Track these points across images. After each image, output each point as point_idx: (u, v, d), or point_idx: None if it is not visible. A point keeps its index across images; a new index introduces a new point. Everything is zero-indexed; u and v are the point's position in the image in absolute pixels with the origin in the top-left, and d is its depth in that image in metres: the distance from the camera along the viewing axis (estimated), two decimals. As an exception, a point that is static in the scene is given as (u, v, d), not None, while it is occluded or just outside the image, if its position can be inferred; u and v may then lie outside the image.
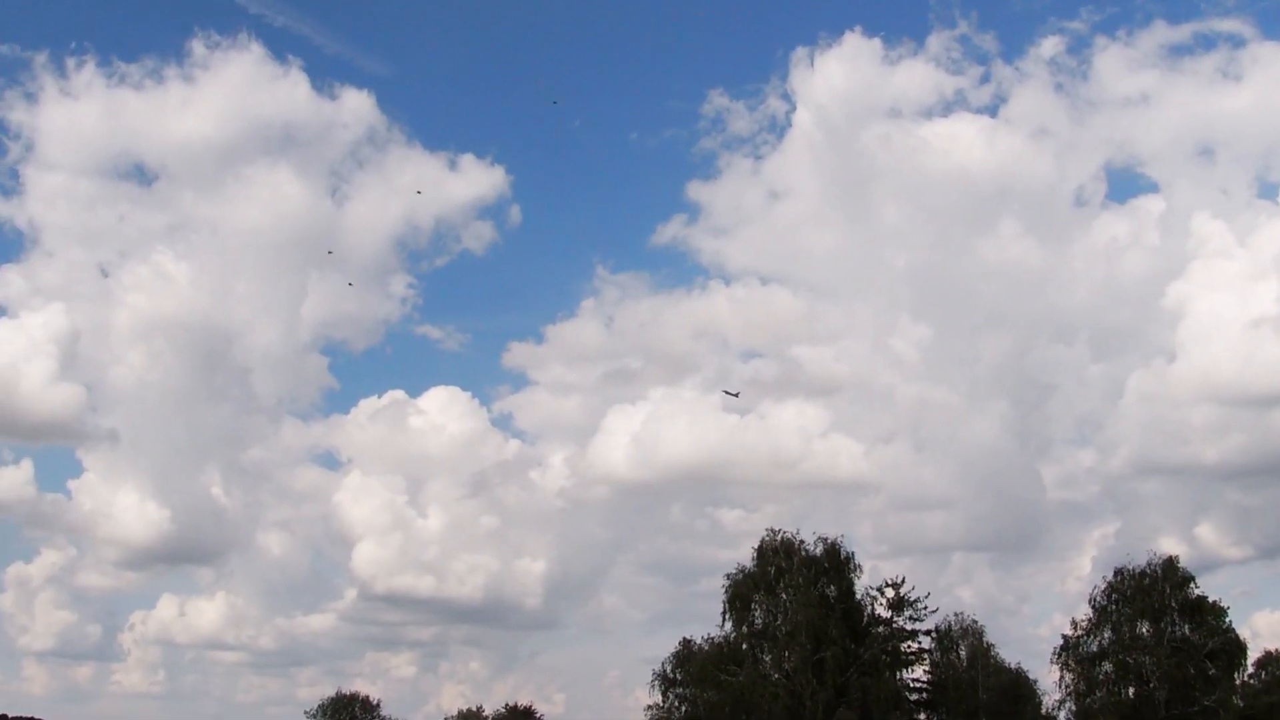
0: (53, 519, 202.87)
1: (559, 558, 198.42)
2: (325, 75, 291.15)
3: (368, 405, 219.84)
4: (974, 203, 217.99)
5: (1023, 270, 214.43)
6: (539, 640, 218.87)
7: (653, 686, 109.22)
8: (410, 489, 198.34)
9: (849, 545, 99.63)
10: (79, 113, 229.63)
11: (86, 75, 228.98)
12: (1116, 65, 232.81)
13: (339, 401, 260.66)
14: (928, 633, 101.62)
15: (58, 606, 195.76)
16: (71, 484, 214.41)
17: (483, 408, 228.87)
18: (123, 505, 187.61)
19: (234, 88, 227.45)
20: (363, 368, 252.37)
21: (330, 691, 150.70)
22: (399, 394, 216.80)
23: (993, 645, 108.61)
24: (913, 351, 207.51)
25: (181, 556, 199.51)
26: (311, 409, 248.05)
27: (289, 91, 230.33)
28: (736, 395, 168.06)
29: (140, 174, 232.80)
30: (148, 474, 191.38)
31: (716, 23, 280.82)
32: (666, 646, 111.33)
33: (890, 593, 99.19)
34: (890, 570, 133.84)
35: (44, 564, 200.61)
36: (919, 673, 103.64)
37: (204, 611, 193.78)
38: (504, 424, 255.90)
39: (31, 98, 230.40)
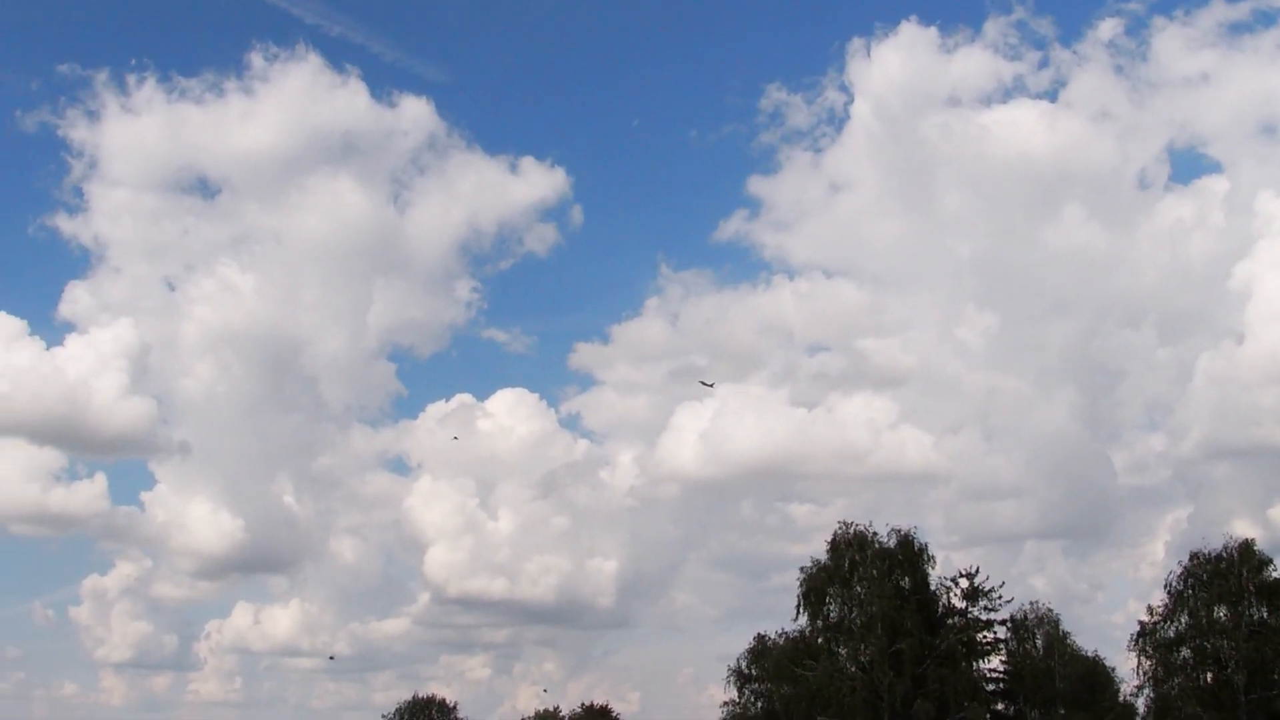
0: (127, 531, 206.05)
1: (631, 556, 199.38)
2: (383, 83, 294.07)
3: (436, 410, 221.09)
4: (1036, 189, 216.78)
5: (1088, 255, 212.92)
6: (613, 639, 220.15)
7: (728, 683, 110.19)
8: (481, 492, 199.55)
9: (921, 536, 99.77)
10: (141, 129, 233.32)
11: (147, 91, 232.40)
12: (1176, 45, 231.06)
13: (407, 407, 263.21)
14: (1003, 622, 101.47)
15: (134, 618, 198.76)
16: (145, 496, 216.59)
17: (550, 409, 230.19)
18: (196, 516, 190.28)
19: (293, 99, 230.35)
20: (430, 373, 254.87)
21: (406, 695, 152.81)
22: (467, 397, 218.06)
23: (1068, 633, 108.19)
24: (979, 340, 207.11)
25: (255, 565, 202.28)
26: (380, 415, 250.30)
27: (348, 100, 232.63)
28: (711, 386, 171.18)
29: (203, 187, 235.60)
30: (220, 484, 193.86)
31: (772, 17, 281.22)
32: (740, 642, 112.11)
33: (964, 583, 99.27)
34: (963, 561, 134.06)
35: (119, 576, 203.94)
36: (995, 663, 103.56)
37: (278, 619, 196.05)
38: (572, 424, 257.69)
39: (94, 115, 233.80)
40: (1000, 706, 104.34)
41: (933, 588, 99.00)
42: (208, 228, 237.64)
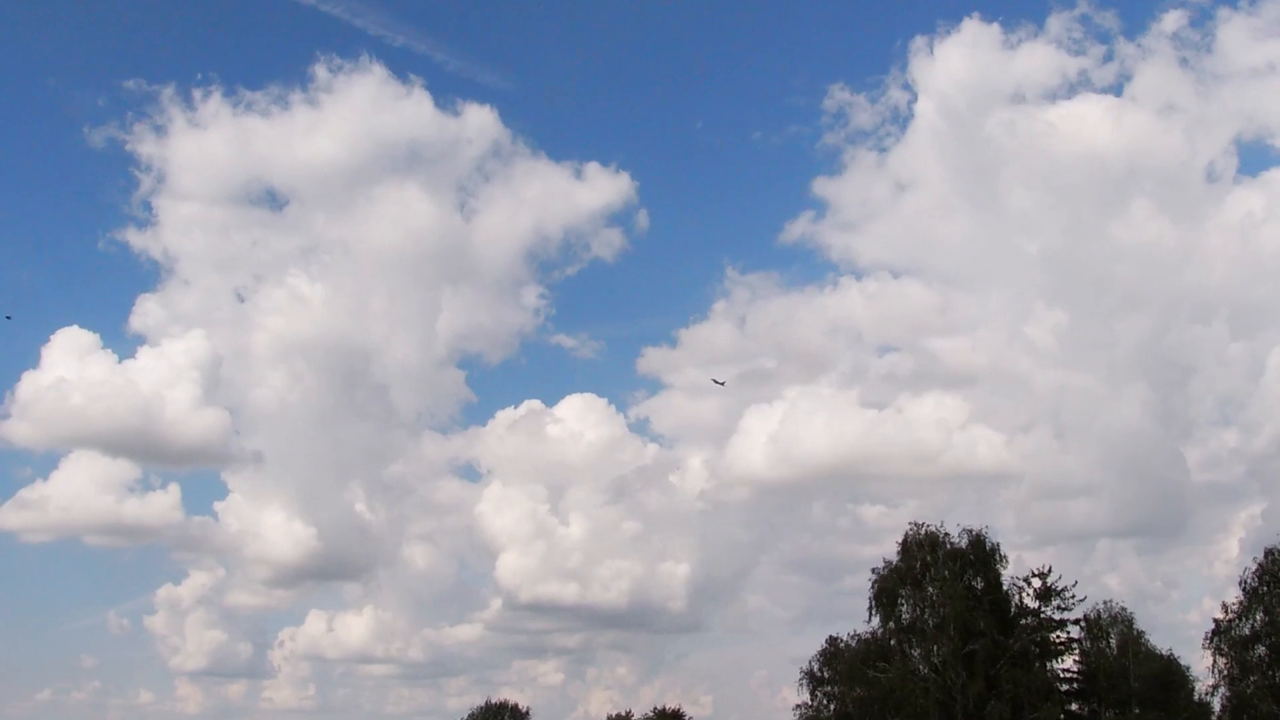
0: (201, 541, 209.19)
1: (702, 560, 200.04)
2: (447, 92, 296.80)
3: (505, 416, 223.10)
4: (1104, 184, 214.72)
5: (1157, 250, 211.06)
6: (685, 643, 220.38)
7: (800, 685, 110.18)
8: (551, 497, 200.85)
9: (993, 536, 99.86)
10: (208, 142, 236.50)
11: (213, 105, 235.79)
12: (1241, 36, 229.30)
13: (477, 413, 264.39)
14: (1076, 622, 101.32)
15: (208, 626, 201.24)
16: (218, 506, 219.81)
17: (619, 414, 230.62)
18: (269, 525, 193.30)
19: (359, 109, 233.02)
20: (499, 379, 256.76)
21: (479, 701, 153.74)
22: (536, 403, 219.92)
23: (1143, 632, 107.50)
24: (1049, 338, 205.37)
25: (328, 573, 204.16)
26: (450, 422, 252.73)
27: (413, 110, 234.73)
28: (722, 384, 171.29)
29: (271, 199, 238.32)
30: (292, 493, 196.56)
31: (834, 17, 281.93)
32: (812, 645, 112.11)
33: (1037, 583, 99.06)
34: (1035, 560, 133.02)
35: (193, 585, 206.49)
36: (1069, 662, 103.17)
37: (352, 626, 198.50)
38: (641, 429, 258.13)
39: (161, 130, 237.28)
40: (1074, 707, 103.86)
41: (1005, 588, 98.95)
42: (276, 239, 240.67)
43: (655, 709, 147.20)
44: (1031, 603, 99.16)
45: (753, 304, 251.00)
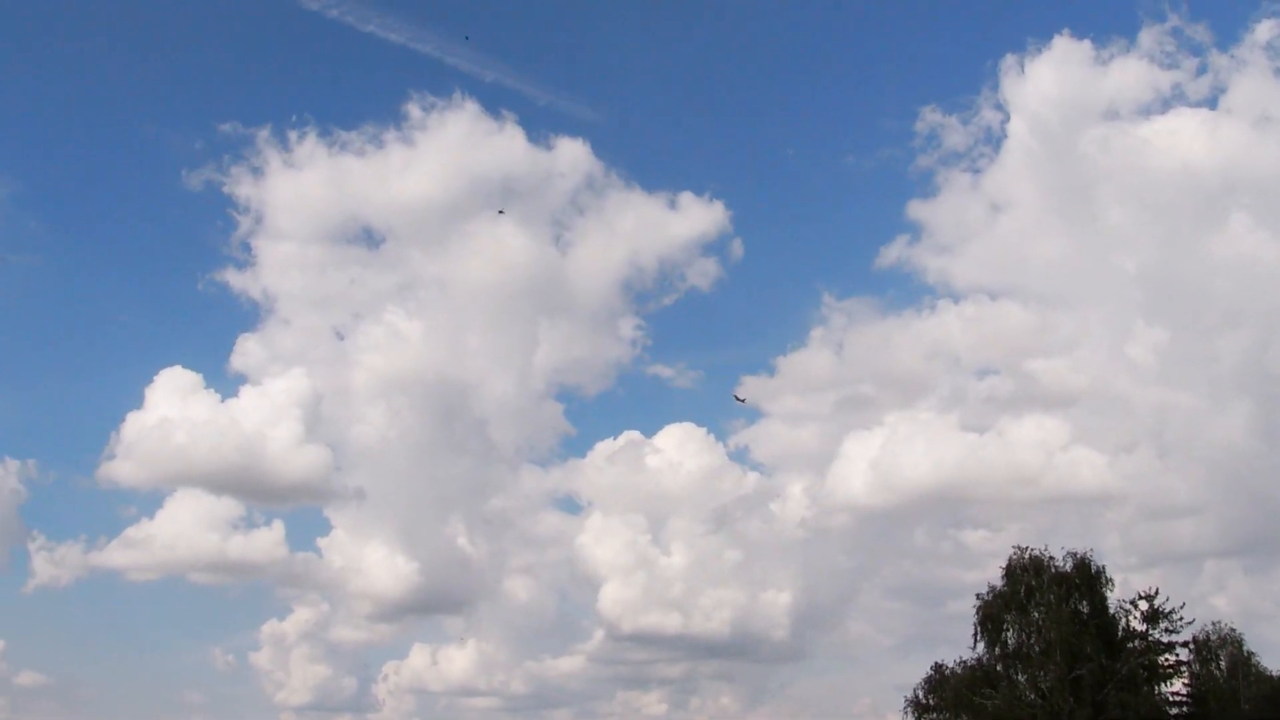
0: (304, 577, 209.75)
1: (804, 588, 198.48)
2: (539, 126, 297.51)
3: (604, 447, 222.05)
4: (1201, 199, 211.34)
5: (1257, 264, 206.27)
6: (789, 672, 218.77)
7: (905, 713, 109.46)
8: (652, 527, 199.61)
9: (1098, 559, 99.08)
10: (304, 182, 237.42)
11: (309, 146, 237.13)
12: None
13: (576, 446, 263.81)
14: (1184, 644, 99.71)
15: (312, 661, 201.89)
16: (321, 542, 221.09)
17: (718, 443, 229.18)
18: (372, 560, 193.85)
19: (452, 146, 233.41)
20: (597, 411, 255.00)
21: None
22: (634, 434, 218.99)
23: (1253, 653, 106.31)
24: (1149, 356, 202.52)
25: (431, 606, 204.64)
26: (550, 455, 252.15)
27: (506, 145, 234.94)
28: (743, 401, 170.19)
29: (367, 237, 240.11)
30: (394, 528, 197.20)
31: (923, 38, 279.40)
32: (917, 672, 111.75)
33: (1144, 605, 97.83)
34: (1141, 582, 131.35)
35: (297, 620, 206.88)
36: (1178, 686, 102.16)
37: (455, 659, 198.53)
38: (741, 457, 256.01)
39: (258, 172, 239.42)
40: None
41: (1111, 611, 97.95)
42: (373, 277, 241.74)
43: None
44: (1138, 626, 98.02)
45: (850, 329, 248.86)
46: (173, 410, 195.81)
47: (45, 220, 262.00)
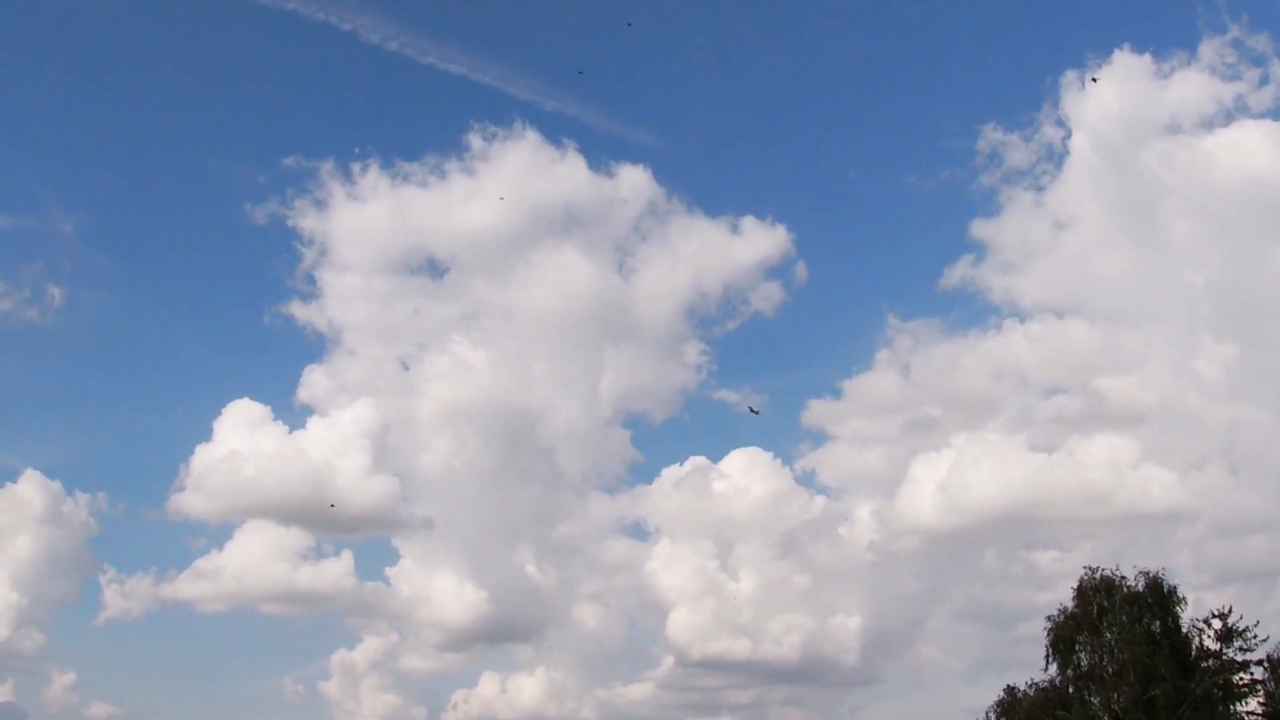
0: (373, 607, 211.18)
1: (873, 612, 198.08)
2: (600, 153, 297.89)
3: (671, 473, 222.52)
4: (1266, 210, 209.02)
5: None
6: (859, 696, 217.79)
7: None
8: (720, 553, 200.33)
9: (1170, 578, 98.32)
10: (367, 214, 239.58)
11: (371, 178, 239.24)
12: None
13: (643, 472, 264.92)
14: (1259, 663, 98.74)
15: (382, 690, 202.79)
16: (390, 571, 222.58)
17: (785, 467, 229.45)
18: (440, 589, 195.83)
19: (514, 175, 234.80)
20: (663, 437, 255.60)
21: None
22: (701, 460, 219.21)
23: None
24: (1219, 372, 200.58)
25: (500, 635, 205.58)
26: (617, 481, 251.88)
27: (568, 173, 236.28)
28: (757, 413, 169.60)
29: (431, 267, 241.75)
30: (463, 557, 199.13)
31: (982, 57, 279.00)
32: (989, 695, 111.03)
33: (1217, 624, 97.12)
34: (1214, 600, 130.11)
35: (367, 650, 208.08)
36: (1253, 705, 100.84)
37: (524, 687, 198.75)
38: (808, 481, 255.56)
39: (321, 204, 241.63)
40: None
41: (1185, 630, 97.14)
42: (438, 307, 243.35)
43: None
44: (1212, 645, 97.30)
45: (916, 351, 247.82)
46: (241, 442, 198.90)
47: (112, 256, 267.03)
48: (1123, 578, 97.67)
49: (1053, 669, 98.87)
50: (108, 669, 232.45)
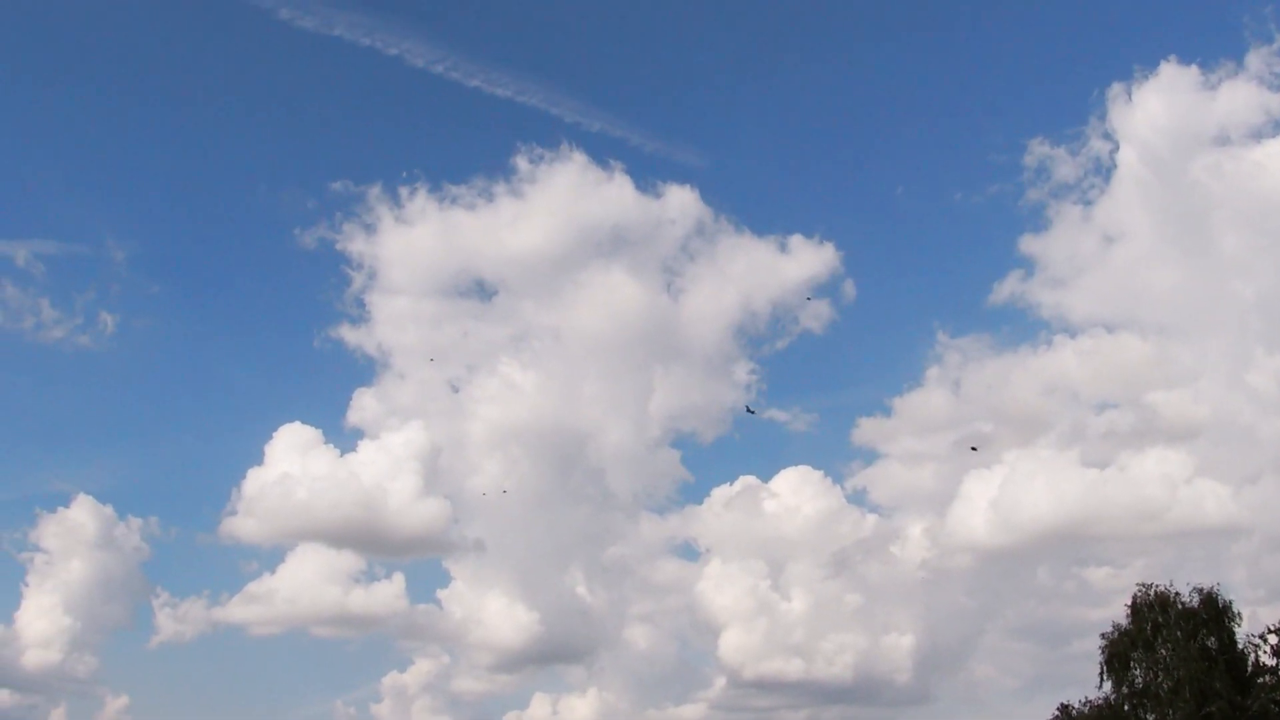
0: (425, 629, 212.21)
1: (926, 630, 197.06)
2: (647, 174, 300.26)
3: (721, 493, 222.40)
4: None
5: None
6: (913, 715, 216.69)
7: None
8: (771, 572, 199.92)
9: (1225, 593, 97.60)
10: (416, 237, 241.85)
11: (419, 201, 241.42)
12: None
13: (693, 492, 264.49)
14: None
15: (434, 713, 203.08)
16: (441, 594, 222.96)
17: (836, 485, 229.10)
18: (492, 611, 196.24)
19: (561, 197, 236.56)
20: (713, 456, 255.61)
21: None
22: (751, 479, 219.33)
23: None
24: (1272, 385, 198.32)
25: (551, 656, 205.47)
26: (667, 502, 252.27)
27: (615, 194, 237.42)
28: (753, 413, 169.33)
29: (480, 290, 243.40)
30: (514, 579, 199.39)
31: (1028, 71, 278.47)
32: (1043, 713, 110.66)
33: (1274, 639, 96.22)
34: (1270, 616, 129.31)
35: (418, 672, 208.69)
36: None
37: (576, 708, 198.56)
38: (859, 500, 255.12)
39: (370, 228, 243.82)
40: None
41: (1240, 646, 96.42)
42: (487, 329, 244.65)
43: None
44: (1269, 660, 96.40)
45: (966, 368, 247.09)
46: (292, 466, 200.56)
47: (164, 282, 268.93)
48: (1177, 594, 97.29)
49: (1107, 686, 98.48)
50: (160, 692, 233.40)
